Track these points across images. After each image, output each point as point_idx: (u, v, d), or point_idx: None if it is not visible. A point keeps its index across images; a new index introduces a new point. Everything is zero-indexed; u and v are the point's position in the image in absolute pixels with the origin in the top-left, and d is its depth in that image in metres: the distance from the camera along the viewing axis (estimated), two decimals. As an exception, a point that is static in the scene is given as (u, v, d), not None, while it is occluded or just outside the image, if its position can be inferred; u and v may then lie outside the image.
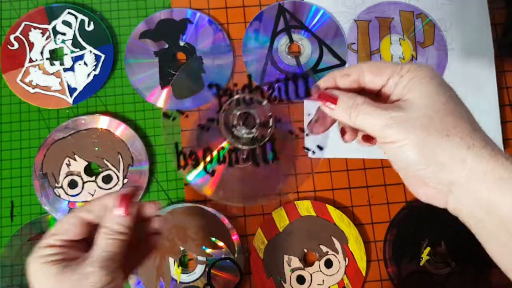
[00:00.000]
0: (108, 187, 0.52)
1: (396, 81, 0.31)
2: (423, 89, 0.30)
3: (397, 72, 0.31)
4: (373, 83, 0.32)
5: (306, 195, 0.54)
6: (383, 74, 0.31)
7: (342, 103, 0.31)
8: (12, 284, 0.51)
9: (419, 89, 0.30)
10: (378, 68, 0.32)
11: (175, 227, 0.52)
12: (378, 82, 0.32)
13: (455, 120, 0.29)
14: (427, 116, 0.29)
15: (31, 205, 0.53)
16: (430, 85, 0.30)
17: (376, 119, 0.30)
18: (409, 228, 0.52)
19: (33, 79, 0.55)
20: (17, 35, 0.56)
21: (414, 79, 0.30)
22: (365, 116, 0.30)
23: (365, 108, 0.30)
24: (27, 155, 0.54)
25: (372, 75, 0.32)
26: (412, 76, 0.30)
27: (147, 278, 0.51)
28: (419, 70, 0.30)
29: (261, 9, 0.58)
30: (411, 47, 0.57)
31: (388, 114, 0.30)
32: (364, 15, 0.58)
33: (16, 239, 0.51)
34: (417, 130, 0.29)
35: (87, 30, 0.56)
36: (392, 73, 0.31)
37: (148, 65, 0.56)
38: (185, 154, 0.51)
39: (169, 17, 0.57)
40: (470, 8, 0.59)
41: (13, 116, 0.55)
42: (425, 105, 0.29)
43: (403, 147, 0.29)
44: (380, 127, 0.30)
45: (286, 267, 0.51)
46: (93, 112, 0.55)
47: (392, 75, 0.31)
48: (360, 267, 0.51)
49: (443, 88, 0.30)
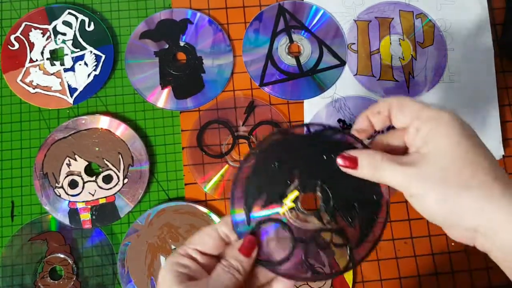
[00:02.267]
0: (108, 187, 0.52)
1: (418, 127, 0.32)
2: (441, 142, 0.31)
3: (416, 118, 0.32)
4: (400, 122, 0.33)
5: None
6: (405, 115, 0.33)
7: (362, 165, 0.33)
8: (12, 284, 0.51)
9: (437, 141, 0.31)
10: (401, 106, 0.33)
11: (167, 225, 0.52)
12: (404, 120, 0.33)
13: (473, 171, 0.30)
14: (445, 170, 0.30)
15: (32, 205, 0.53)
16: (448, 137, 0.31)
17: (397, 176, 0.31)
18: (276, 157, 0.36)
19: (33, 79, 0.55)
20: (17, 35, 0.56)
21: (432, 130, 0.31)
22: (386, 173, 0.32)
23: (384, 165, 0.32)
24: (27, 155, 0.54)
25: (398, 114, 0.33)
26: (431, 127, 0.31)
27: (138, 277, 0.51)
28: (439, 118, 0.31)
29: (261, 9, 0.58)
30: (410, 47, 0.57)
31: (406, 170, 0.31)
32: (364, 15, 0.58)
33: (16, 239, 0.52)
34: (434, 185, 0.30)
35: (87, 30, 0.56)
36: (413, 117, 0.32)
37: (148, 65, 0.56)
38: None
39: (169, 17, 0.57)
40: (470, 8, 0.59)
41: (13, 116, 0.55)
42: (443, 158, 0.30)
43: (423, 200, 0.30)
44: (401, 183, 0.31)
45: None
46: (93, 112, 0.55)
47: (413, 121, 0.32)
48: (347, 279, 0.51)
49: (463, 138, 0.31)
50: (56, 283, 0.51)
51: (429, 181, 0.30)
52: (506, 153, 0.55)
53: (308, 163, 0.35)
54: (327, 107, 0.55)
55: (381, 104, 0.34)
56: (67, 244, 0.52)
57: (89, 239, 0.52)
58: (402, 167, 0.31)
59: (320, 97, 0.56)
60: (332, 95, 0.56)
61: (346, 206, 0.35)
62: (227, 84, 0.56)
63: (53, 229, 0.52)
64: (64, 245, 0.51)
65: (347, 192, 0.35)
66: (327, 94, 0.56)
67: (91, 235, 0.52)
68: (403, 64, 0.57)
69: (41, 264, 0.51)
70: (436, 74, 0.57)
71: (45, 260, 0.51)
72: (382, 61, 0.57)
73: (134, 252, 0.51)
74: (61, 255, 0.51)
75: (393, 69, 0.57)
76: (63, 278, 0.51)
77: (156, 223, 0.52)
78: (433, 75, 0.57)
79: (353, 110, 0.56)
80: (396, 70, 0.57)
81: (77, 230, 0.52)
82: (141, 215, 0.52)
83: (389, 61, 0.57)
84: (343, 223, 0.35)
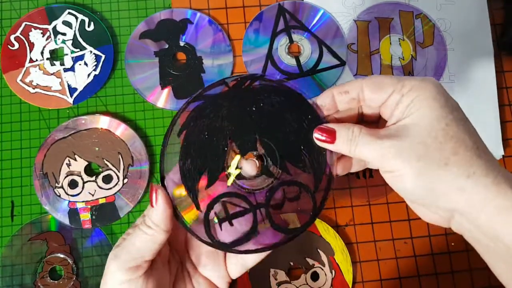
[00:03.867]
0: (108, 187, 0.52)
1: (397, 100, 0.29)
2: (423, 113, 0.28)
3: (398, 90, 0.29)
4: (372, 101, 0.31)
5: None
6: (383, 91, 0.30)
7: (341, 137, 0.31)
8: (12, 284, 0.51)
9: (418, 113, 0.28)
10: (378, 84, 0.30)
11: None
12: (378, 99, 0.30)
13: (455, 147, 0.28)
14: (424, 144, 0.28)
15: (32, 205, 0.53)
16: (431, 109, 0.28)
17: (373, 150, 0.29)
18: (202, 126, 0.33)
19: (33, 79, 0.55)
20: (17, 35, 0.56)
21: (414, 100, 0.29)
22: (363, 147, 0.29)
23: (362, 139, 0.30)
24: (27, 155, 0.54)
25: (371, 93, 0.30)
26: (412, 97, 0.29)
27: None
28: (422, 89, 0.29)
29: (261, 9, 0.58)
30: (410, 48, 0.57)
31: (383, 144, 0.29)
32: (363, 15, 0.58)
33: (16, 239, 0.52)
34: (412, 160, 0.28)
35: (87, 30, 0.56)
36: (393, 90, 0.29)
37: (148, 65, 0.56)
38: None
39: (169, 17, 0.57)
40: (470, 8, 0.59)
41: (13, 116, 0.55)
42: (423, 131, 0.28)
43: (399, 177, 0.29)
44: (377, 157, 0.29)
45: (272, 280, 0.51)
46: (93, 112, 0.55)
47: (393, 93, 0.30)
48: (347, 279, 0.51)
49: (446, 109, 0.28)
50: (56, 283, 0.51)
51: (407, 156, 0.28)
52: (506, 153, 0.55)
53: (238, 120, 0.32)
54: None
55: (351, 83, 0.31)
56: (67, 244, 0.51)
57: (89, 239, 0.52)
58: (379, 140, 0.29)
59: (320, 97, 0.56)
60: (332, 95, 0.56)
61: (293, 153, 0.32)
62: (227, 84, 0.56)
63: (53, 229, 0.52)
64: (64, 245, 0.51)
65: (289, 138, 0.32)
66: (327, 94, 0.56)
67: (91, 235, 0.52)
68: (403, 64, 0.57)
69: (41, 264, 0.51)
70: (436, 74, 0.57)
71: (45, 260, 0.51)
72: (382, 61, 0.57)
73: (134, 252, 0.51)
74: (61, 255, 0.51)
75: (393, 69, 0.57)
76: (63, 278, 0.51)
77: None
78: (433, 75, 0.57)
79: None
80: (396, 70, 0.57)
81: (77, 230, 0.52)
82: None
83: (389, 61, 0.57)
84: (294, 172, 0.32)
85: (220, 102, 0.33)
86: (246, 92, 0.33)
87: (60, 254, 0.51)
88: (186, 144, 0.32)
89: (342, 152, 0.31)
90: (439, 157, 0.28)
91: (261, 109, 0.32)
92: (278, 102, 0.33)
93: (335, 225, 0.53)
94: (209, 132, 0.32)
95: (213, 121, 0.33)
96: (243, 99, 0.32)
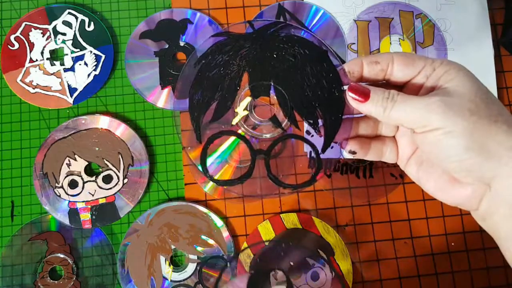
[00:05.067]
0: (108, 187, 0.52)
1: (429, 74, 0.30)
2: (462, 80, 0.29)
3: (429, 64, 0.30)
4: (402, 74, 0.31)
5: (290, 207, 0.54)
6: (415, 65, 0.30)
7: (376, 95, 0.30)
8: (12, 284, 0.51)
9: (458, 78, 0.29)
10: (410, 59, 0.31)
11: (167, 225, 0.52)
12: (408, 73, 0.31)
13: (499, 109, 0.28)
14: (474, 102, 0.27)
15: (32, 205, 0.53)
16: (468, 77, 0.29)
17: (417, 107, 0.28)
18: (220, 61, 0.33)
19: (33, 79, 0.55)
20: (17, 35, 0.56)
21: (450, 70, 0.29)
22: (403, 105, 0.29)
23: (402, 97, 0.29)
24: (27, 155, 0.54)
25: (402, 66, 0.31)
26: (447, 69, 0.30)
27: (138, 277, 0.51)
28: (453, 64, 0.30)
29: (261, 9, 0.58)
30: (410, 47, 0.57)
31: (430, 99, 0.28)
32: (363, 15, 0.58)
33: (16, 239, 0.52)
34: (465, 114, 0.27)
35: (87, 30, 0.56)
36: (425, 65, 0.30)
37: (148, 65, 0.56)
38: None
39: (169, 17, 0.57)
40: (470, 8, 0.59)
41: (13, 116, 0.55)
42: (468, 93, 0.28)
43: (448, 134, 0.27)
44: (422, 114, 0.28)
45: (272, 280, 0.51)
46: (93, 112, 0.55)
47: (425, 67, 0.30)
48: (347, 279, 0.51)
49: (479, 81, 0.29)
50: (56, 283, 0.51)
51: (459, 110, 0.27)
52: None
53: (256, 63, 0.31)
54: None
55: (382, 55, 0.31)
56: (67, 244, 0.51)
57: (89, 239, 0.52)
58: (425, 97, 0.28)
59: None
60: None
61: (306, 108, 0.31)
62: (227, 84, 0.56)
63: (53, 229, 0.52)
64: (64, 245, 0.51)
65: (305, 92, 0.31)
66: (327, 94, 0.56)
67: (91, 235, 0.52)
68: (403, 64, 0.57)
69: (41, 264, 0.51)
70: (436, 74, 0.57)
71: (45, 260, 0.51)
72: (382, 61, 0.57)
73: (134, 252, 0.51)
74: (61, 255, 0.51)
75: (393, 69, 0.57)
76: (63, 278, 0.51)
77: (156, 223, 0.52)
78: (433, 75, 0.57)
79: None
80: (396, 70, 0.57)
81: (77, 230, 0.52)
82: (141, 215, 0.52)
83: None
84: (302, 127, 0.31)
85: (242, 42, 0.32)
86: (271, 38, 0.32)
87: (60, 254, 0.51)
88: (200, 75, 0.32)
89: (372, 113, 0.30)
90: (489, 114, 0.27)
91: (282, 57, 0.31)
92: (300, 54, 0.32)
93: (335, 225, 0.53)
94: (225, 68, 0.32)
95: (231, 59, 0.32)
96: (265, 44, 0.32)
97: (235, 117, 0.32)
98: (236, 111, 0.32)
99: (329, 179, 0.52)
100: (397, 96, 0.29)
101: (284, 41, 0.32)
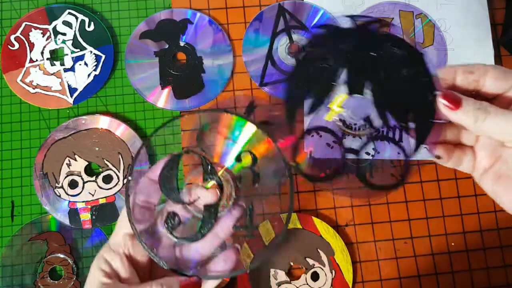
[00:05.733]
0: (108, 187, 0.52)
1: None
2: None
3: None
4: (494, 87, 0.31)
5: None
6: (508, 80, 0.31)
7: (468, 105, 0.30)
8: (12, 284, 0.51)
9: None
10: (504, 72, 0.31)
11: None
12: (501, 87, 0.31)
13: None
14: None
15: (32, 205, 0.53)
16: None
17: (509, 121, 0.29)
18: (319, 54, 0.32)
19: (33, 79, 0.55)
20: (17, 35, 0.56)
21: None
22: (496, 118, 0.29)
23: (495, 110, 0.30)
24: (27, 155, 0.54)
25: (496, 79, 0.31)
26: None
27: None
28: None
29: (261, 9, 0.58)
30: (411, 47, 0.57)
31: None
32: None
33: (16, 239, 0.52)
34: None
35: (87, 30, 0.56)
36: None
37: (148, 65, 0.56)
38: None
39: (169, 17, 0.57)
40: (470, 8, 0.59)
41: (13, 116, 0.55)
42: None
43: None
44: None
45: (272, 280, 0.51)
46: (93, 112, 0.55)
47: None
48: (347, 279, 0.51)
49: None
50: (56, 283, 0.51)
51: None
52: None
53: (354, 60, 0.30)
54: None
55: (477, 66, 0.32)
56: (67, 244, 0.52)
57: (89, 239, 0.52)
58: None
59: (320, 97, 0.56)
60: (332, 95, 0.56)
61: (399, 110, 0.30)
62: (227, 84, 0.56)
63: (53, 229, 0.52)
64: (64, 245, 0.51)
65: (400, 93, 0.30)
66: (327, 94, 0.56)
67: (91, 235, 0.52)
68: (403, 64, 0.57)
69: (41, 264, 0.51)
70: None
71: (45, 260, 0.51)
72: (382, 61, 0.57)
73: (134, 252, 0.51)
74: (61, 255, 0.51)
75: (393, 69, 0.57)
76: (63, 278, 0.51)
77: (156, 223, 0.52)
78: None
79: (353, 110, 0.56)
80: (396, 70, 0.57)
81: (77, 230, 0.52)
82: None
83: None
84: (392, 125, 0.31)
85: (343, 37, 0.31)
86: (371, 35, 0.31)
87: (60, 254, 0.51)
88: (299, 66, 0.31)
89: (463, 122, 0.31)
90: None
91: (380, 56, 0.30)
92: (398, 55, 0.32)
93: (335, 225, 0.53)
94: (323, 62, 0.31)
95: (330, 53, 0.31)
96: (365, 41, 0.31)
97: (328, 113, 0.31)
98: (330, 106, 0.31)
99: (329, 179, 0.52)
100: (490, 108, 0.30)
101: (384, 39, 0.31)
